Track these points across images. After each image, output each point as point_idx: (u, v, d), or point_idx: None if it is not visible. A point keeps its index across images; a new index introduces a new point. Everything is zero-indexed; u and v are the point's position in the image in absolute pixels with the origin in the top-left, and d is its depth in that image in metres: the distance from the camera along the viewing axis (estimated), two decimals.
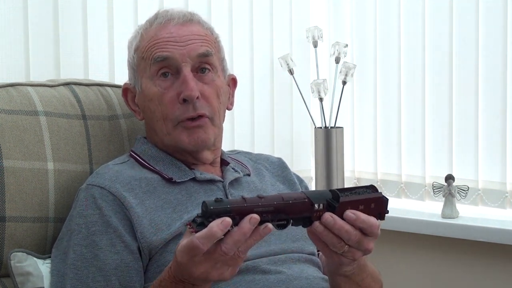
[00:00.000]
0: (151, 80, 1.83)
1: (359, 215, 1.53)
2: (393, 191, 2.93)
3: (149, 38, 1.84)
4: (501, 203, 2.72)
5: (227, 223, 1.42)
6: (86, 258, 1.71)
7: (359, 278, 1.71)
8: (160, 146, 1.87)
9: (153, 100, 1.83)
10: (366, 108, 3.00)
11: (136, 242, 1.72)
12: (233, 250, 1.44)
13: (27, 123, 1.87)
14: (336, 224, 1.52)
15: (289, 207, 1.49)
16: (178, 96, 1.80)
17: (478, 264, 2.71)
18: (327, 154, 2.89)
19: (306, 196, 1.52)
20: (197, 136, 1.81)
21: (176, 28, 1.84)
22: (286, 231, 1.81)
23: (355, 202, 1.55)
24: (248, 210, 1.45)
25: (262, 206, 1.46)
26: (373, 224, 1.55)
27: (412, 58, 2.88)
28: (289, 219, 1.51)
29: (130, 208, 1.73)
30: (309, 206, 1.52)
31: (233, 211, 1.44)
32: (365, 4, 2.98)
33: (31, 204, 1.84)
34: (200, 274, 1.47)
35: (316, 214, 1.52)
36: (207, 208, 1.43)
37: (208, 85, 1.83)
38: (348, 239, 1.53)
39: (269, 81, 2.96)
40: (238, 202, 1.45)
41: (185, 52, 1.81)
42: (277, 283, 1.72)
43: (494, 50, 2.70)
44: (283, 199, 1.49)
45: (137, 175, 1.80)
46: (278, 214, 1.48)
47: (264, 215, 1.46)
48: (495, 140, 2.72)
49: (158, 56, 1.82)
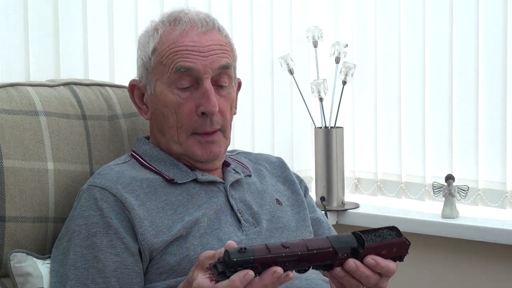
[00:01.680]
0: (168, 86, 1.81)
1: (379, 262, 1.53)
2: (393, 191, 2.93)
3: (171, 43, 1.82)
4: (501, 203, 2.72)
5: (250, 277, 1.40)
6: (86, 259, 1.70)
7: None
8: (163, 148, 1.87)
9: (169, 107, 1.81)
10: (366, 108, 3.00)
11: (136, 244, 1.72)
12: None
13: (27, 123, 1.87)
14: (358, 270, 1.52)
15: (312, 256, 1.47)
16: (197, 108, 1.80)
17: (478, 264, 2.71)
18: (327, 154, 2.89)
19: (331, 245, 1.49)
20: (209, 150, 1.82)
21: (198, 37, 1.82)
22: (287, 233, 1.82)
23: (379, 248, 1.53)
24: (271, 261, 1.42)
25: (286, 256, 1.44)
26: (391, 269, 1.55)
27: (412, 58, 2.88)
28: (311, 266, 1.49)
29: (131, 210, 1.73)
30: (333, 255, 1.49)
31: (256, 262, 1.41)
32: (365, 4, 2.98)
33: (31, 204, 1.84)
34: None
35: (338, 262, 1.50)
36: (229, 259, 1.40)
37: (224, 98, 1.83)
38: (367, 283, 1.54)
39: (269, 81, 2.96)
40: (262, 253, 1.42)
41: (208, 64, 1.80)
42: None
43: (494, 50, 2.70)
44: (307, 249, 1.46)
45: (139, 176, 1.80)
46: (301, 263, 1.46)
47: (287, 264, 1.44)
48: (495, 140, 2.72)
49: (181, 66, 1.79)
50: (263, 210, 1.84)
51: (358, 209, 2.90)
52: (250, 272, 1.40)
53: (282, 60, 2.90)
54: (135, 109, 2.02)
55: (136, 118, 2.03)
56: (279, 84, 2.97)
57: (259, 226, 1.81)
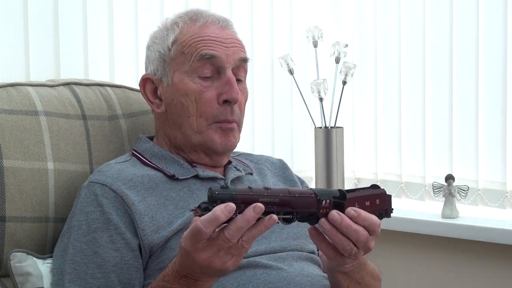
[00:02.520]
0: (188, 75, 1.82)
1: (360, 212, 1.53)
2: (393, 191, 2.93)
3: (193, 33, 1.84)
4: (501, 203, 2.72)
5: (231, 208, 1.43)
6: (86, 255, 1.71)
7: (359, 276, 1.71)
8: (170, 143, 1.87)
9: (189, 95, 1.82)
10: (366, 108, 3.00)
11: (136, 240, 1.72)
12: (236, 236, 1.44)
13: (27, 123, 1.87)
14: (343, 222, 1.52)
15: (295, 201, 1.50)
16: (218, 96, 1.81)
17: (478, 264, 2.71)
18: (327, 154, 2.89)
19: (313, 191, 1.52)
20: (228, 140, 1.82)
21: (219, 30, 1.84)
22: (287, 229, 1.82)
23: (361, 198, 1.56)
24: (253, 199, 1.45)
25: (267, 196, 1.47)
26: (374, 222, 1.55)
27: (412, 58, 2.88)
28: (295, 214, 1.51)
29: (132, 205, 1.73)
30: (315, 201, 1.52)
31: (238, 198, 1.44)
32: (365, 4, 2.98)
33: (31, 204, 1.84)
34: (203, 261, 1.47)
35: (322, 211, 1.52)
36: (212, 194, 1.44)
37: (241, 92, 1.84)
38: (356, 239, 1.53)
39: (269, 81, 2.96)
40: (244, 191, 1.46)
41: (230, 54, 1.82)
42: (278, 279, 1.73)
43: (495, 50, 2.70)
44: (289, 192, 1.50)
45: (139, 173, 1.80)
46: (283, 207, 1.49)
47: (270, 206, 1.47)
48: (495, 140, 2.72)
49: (206, 53, 1.81)
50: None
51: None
52: (231, 204, 1.43)
53: (282, 60, 2.90)
54: (135, 109, 2.02)
55: (136, 118, 2.03)
56: (279, 84, 2.97)
57: None
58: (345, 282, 1.70)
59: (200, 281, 1.54)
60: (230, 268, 1.49)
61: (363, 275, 1.72)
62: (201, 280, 1.54)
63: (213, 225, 1.43)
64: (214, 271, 1.50)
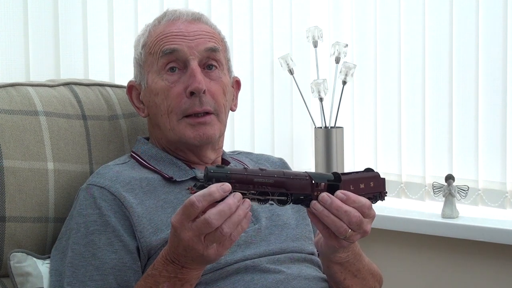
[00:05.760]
0: (158, 74, 1.84)
1: (349, 195, 1.55)
2: (393, 191, 2.93)
3: (158, 34, 1.86)
4: (501, 203, 2.72)
5: (227, 187, 1.44)
6: (84, 257, 1.71)
7: (355, 268, 1.71)
8: (163, 144, 1.87)
9: (159, 94, 1.83)
10: (366, 108, 3.00)
11: (135, 242, 1.72)
12: (216, 220, 1.44)
13: (27, 123, 1.87)
14: (333, 203, 1.53)
15: (289, 182, 1.51)
16: (185, 90, 1.81)
17: (478, 264, 2.71)
18: (327, 154, 2.89)
19: (308, 174, 1.54)
20: (202, 132, 1.82)
21: (184, 25, 1.86)
22: (287, 231, 1.82)
23: (356, 181, 1.58)
24: (247, 179, 1.47)
25: (262, 177, 1.48)
26: (364, 203, 1.56)
27: (412, 58, 2.88)
28: (290, 196, 1.52)
29: (130, 208, 1.73)
30: (310, 183, 1.53)
31: (233, 177, 1.46)
32: (365, 4, 2.98)
33: (31, 204, 1.84)
34: (186, 241, 1.47)
35: (317, 194, 1.54)
36: (208, 172, 1.45)
37: (214, 82, 1.84)
38: (348, 220, 1.54)
39: (269, 81, 2.96)
40: (239, 171, 1.47)
41: (193, 46, 1.83)
42: (275, 283, 1.72)
43: (495, 50, 2.70)
44: (284, 174, 1.51)
45: (138, 176, 1.80)
46: (278, 188, 1.50)
47: (264, 186, 1.48)
48: (495, 140, 2.72)
49: (166, 48, 1.83)
50: (263, 208, 1.84)
51: None
52: (227, 184, 1.44)
53: (282, 60, 2.90)
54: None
55: (136, 118, 2.03)
56: (279, 84, 2.97)
57: (258, 223, 1.81)
58: (342, 274, 1.70)
59: (186, 268, 1.54)
60: (212, 257, 1.49)
61: (360, 268, 1.72)
62: (187, 267, 1.54)
63: (206, 200, 1.44)
64: (197, 255, 1.49)
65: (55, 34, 2.36)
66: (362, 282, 1.75)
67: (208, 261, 1.52)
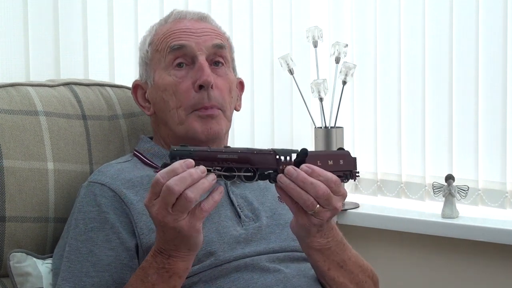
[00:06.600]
0: (165, 70, 1.85)
1: (314, 168, 1.55)
2: (393, 191, 2.93)
3: (165, 31, 1.88)
4: (501, 203, 2.72)
5: (189, 163, 1.48)
6: (81, 253, 1.71)
7: (339, 258, 1.70)
8: (168, 142, 1.87)
9: (167, 90, 1.84)
10: (366, 108, 3.00)
11: (133, 239, 1.73)
12: (177, 186, 1.46)
13: (27, 123, 1.87)
14: (299, 175, 1.54)
15: (253, 158, 1.53)
16: (194, 85, 1.82)
17: (478, 264, 2.71)
18: None
19: (272, 149, 1.55)
20: (210, 127, 1.83)
21: (191, 23, 1.88)
22: (287, 230, 1.82)
23: (324, 157, 1.59)
24: (211, 156, 1.50)
25: (226, 153, 1.51)
26: (330, 178, 1.56)
27: (412, 58, 2.88)
28: (256, 171, 1.53)
29: (130, 205, 1.74)
30: (274, 158, 1.55)
31: (196, 155, 1.49)
32: (365, 4, 2.98)
33: (31, 204, 1.84)
34: (156, 216, 1.50)
35: (283, 168, 1.55)
36: (171, 151, 1.49)
37: (221, 78, 1.86)
38: (315, 194, 1.54)
39: (269, 81, 2.96)
40: (202, 148, 1.51)
41: (201, 42, 1.85)
42: (275, 282, 1.73)
43: (495, 50, 2.70)
44: (248, 150, 1.54)
45: (139, 173, 1.81)
46: (243, 164, 1.52)
47: (229, 162, 1.51)
48: (495, 140, 2.72)
49: (174, 44, 1.84)
50: (264, 206, 1.85)
51: (358, 209, 2.90)
52: (190, 160, 1.48)
53: (282, 60, 2.90)
54: (135, 109, 2.03)
55: (136, 118, 2.03)
56: (279, 84, 2.97)
57: (259, 221, 1.81)
58: (325, 263, 1.69)
59: (172, 257, 1.56)
60: (185, 228, 1.50)
61: (345, 259, 1.71)
62: (173, 255, 1.56)
63: (170, 176, 1.47)
64: (171, 231, 1.51)
65: (55, 34, 2.36)
66: (349, 275, 1.73)
67: (185, 238, 1.53)
